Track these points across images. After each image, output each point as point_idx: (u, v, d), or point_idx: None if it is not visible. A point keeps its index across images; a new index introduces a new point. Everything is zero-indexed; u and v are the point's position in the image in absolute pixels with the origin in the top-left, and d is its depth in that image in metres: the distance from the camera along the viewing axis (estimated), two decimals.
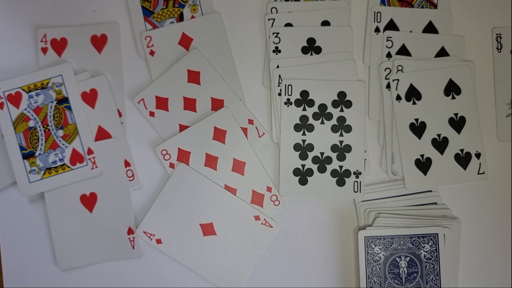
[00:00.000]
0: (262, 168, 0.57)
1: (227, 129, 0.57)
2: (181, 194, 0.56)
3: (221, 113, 0.57)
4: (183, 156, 0.57)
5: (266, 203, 0.57)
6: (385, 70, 0.58)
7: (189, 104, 0.57)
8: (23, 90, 0.56)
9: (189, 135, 0.57)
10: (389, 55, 0.58)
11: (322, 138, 0.57)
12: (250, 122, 0.58)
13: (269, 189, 0.57)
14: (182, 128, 0.57)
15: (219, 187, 0.56)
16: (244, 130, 0.57)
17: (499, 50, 0.59)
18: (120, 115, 0.58)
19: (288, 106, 0.57)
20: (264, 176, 0.57)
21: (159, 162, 0.57)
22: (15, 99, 0.56)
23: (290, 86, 0.57)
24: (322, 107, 0.57)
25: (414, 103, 0.57)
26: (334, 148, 0.57)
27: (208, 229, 0.56)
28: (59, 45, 0.58)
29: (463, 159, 0.57)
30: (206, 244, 0.56)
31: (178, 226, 0.56)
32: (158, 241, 0.56)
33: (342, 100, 0.57)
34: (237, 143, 0.57)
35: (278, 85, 0.57)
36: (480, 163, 0.57)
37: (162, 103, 0.57)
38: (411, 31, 0.58)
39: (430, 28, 0.59)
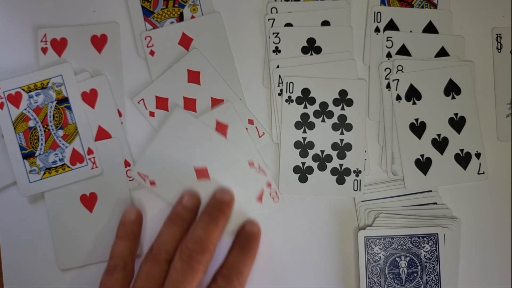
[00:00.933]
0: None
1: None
2: (178, 137, 0.55)
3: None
4: (162, 103, 0.57)
5: (266, 199, 0.57)
6: (385, 70, 0.58)
7: (189, 104, 0.57)
8: (23, 90, 0.56)
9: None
10: (389, 55, 0.58)
11: (323, 136, 0.57)
12: (250, 122, 0.58)
13: (269, 185, 0.57)
14: None
15: (214, 132, 0.56)
16: None
17: (499, 50, 0.59)
18: (120, 115, 0.58)
19: (289, 103, 0.57)
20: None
21: None
22: (15, 99, 0.56)
23: (291, 84, 0.57)
24: (323, 105, 0.57)
25: (414, 103, 0.57)
26: (334, 146, 0.57)
27: (201, 173, 0.55)
28: (59, 45, 0.58)
29: (463, 159, 0.57)
30: (199, 188, 0.55)
31: (172, 169, 0.55)
32: (152, 183, 0.55)
33: (343, 99, 0.57)
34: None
35: (278, 85, 0.57)
36: (480, 163, 0.57)
37: (162, 103, 0.57)
38: (411, 31, 0.59)
39: (430, 28, 0.59)
